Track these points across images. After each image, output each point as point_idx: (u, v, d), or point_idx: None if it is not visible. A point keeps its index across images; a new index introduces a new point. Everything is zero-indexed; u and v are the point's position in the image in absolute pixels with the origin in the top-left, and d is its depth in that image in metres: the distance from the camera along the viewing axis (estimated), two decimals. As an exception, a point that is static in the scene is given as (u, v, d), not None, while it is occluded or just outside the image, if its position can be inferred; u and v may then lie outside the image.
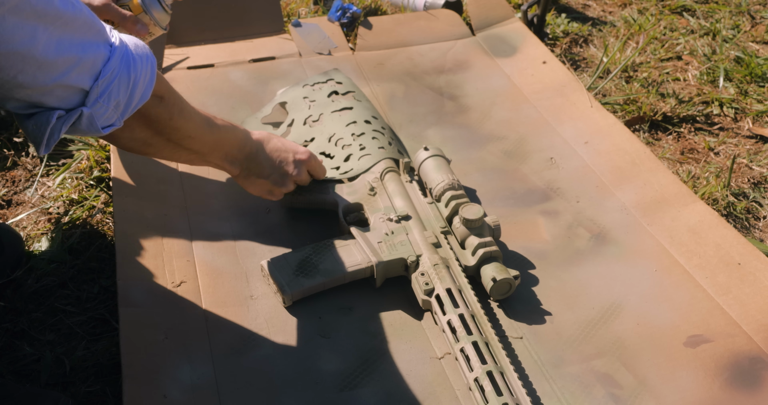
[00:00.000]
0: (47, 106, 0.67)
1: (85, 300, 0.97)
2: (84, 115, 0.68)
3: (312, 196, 1.01)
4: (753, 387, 0.81)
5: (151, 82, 0.74)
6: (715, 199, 1.17)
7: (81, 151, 1.22)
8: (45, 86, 0.64)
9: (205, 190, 1.06)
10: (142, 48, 0.74)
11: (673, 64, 1.55)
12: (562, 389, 0.81)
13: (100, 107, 0.69)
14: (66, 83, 0.66)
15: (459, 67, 1.38)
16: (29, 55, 0.62)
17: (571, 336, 0.87)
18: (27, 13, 0.60)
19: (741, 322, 0.88)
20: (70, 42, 0.65)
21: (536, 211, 1.06)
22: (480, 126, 1.23)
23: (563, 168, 1.14)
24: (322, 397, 0.80)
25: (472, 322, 0.82)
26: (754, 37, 1.64)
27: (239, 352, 0.84)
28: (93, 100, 0.68)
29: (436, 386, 0.81)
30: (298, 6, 1.65)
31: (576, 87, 1.30)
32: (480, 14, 1.50)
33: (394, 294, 0.92)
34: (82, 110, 0.68)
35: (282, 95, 1.20)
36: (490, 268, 0.89)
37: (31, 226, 1.09)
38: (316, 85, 1.18)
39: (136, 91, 0.72)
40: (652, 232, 1.01)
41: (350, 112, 1.12)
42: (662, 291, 0.93)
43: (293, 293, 0.88)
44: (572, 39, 1.62)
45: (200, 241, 0.98)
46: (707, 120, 1.38)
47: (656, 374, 0.83)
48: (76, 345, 0.91)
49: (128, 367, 0.79)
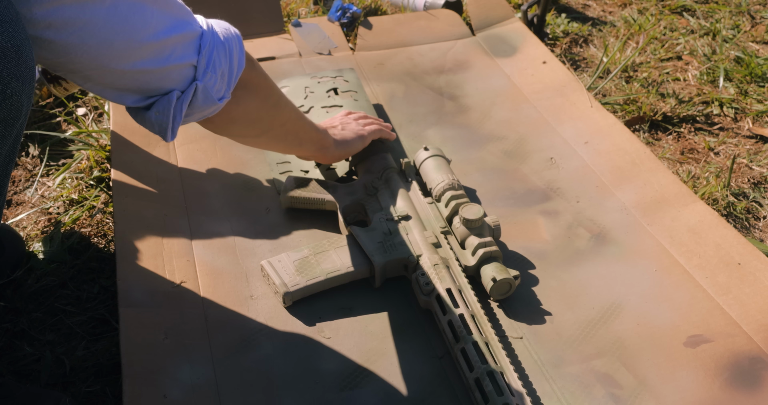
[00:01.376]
0: (165, 89, 0.69)
1: (85, 300, 0.97)
2: (199, 89, 0.70)
3: (312, 196, 1.01)
4: (753, 387, 0.81)
5: (241, 48, 0.76)
6: (715, 199, 1.17)
7: (81, 151, 1.22)
8: (164, 67, 0.67)
9: (205, 190, 1.06)
10: (219, 21, 0.76)
11: (673, 64, 1.55)
12: (562, 389, 0.81)
13: (210, 78, 0.71)
14: (179, 61, 0.68)
15: (459, 67, 1.38)
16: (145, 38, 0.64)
17: (571, 336, 0.87)
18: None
19: (741, 322, 0.88)
20: (173, 20, 0.67)
21: (536, 211, 1.06)
22: (480, 126, 1.23)
23: (563, 168, 1.14)
24: (322, 397, 0.80)
25: (472, 322, 0.82)
26: (754, 37, 1.64)
27: (239, 352, 0.84)
28: (202, 73, 0.70)
29: (436, 386, 0.81)
30: (298, 6, 1.65)
31: (576, 87, 1.30)
32: (480, 14, 1.50)
33: (394, 294, 0.92)
34: (197, 84, 0.70)
35: (288, 81, 1.21)
36: (490, 268, 0.89)
37: (31, 226, 1.09)
38: (323, 78, 1.19)
39: (234, 57, 0.74)
40: (652, 232, 1.01)
41: (339, 109, 1.13)
42: (662, 291, 0.93)
43: (293, 293, 0.88)
44: (572, 39, 1.62)
45: (200, 241, 0.98)
46: (707, 120, 1.38)
47: (656, 374, 0.83)
48: (76, 345, 0.91)
49: (128, 367, 0.79)
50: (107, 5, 0.60)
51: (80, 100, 1.36)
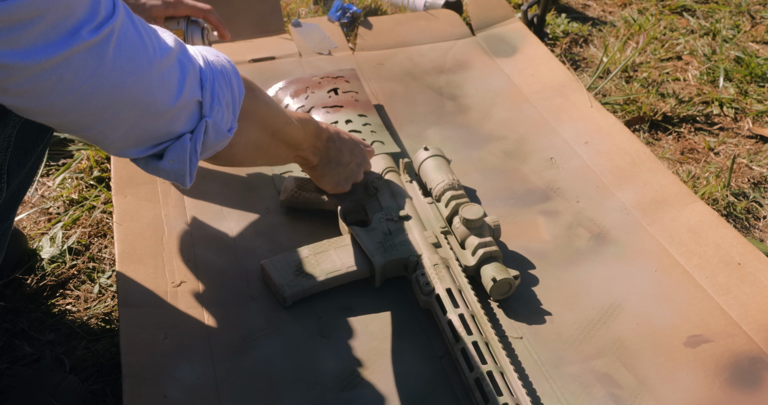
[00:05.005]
0: (175, 133, 0.65)
1: (85, 300, 0.97)
2: (209, 126, 0.67)
3: (312, 196, 1.01)
4: (753, 387, 0.81)
5: (237, 73, 0.73)
6: (715, 199, 1.17)
7: (81, 151, 1.22)
8: (173, 108, 0.63)
9: (205, 190, 1.06)
10: (208, 48, 0.73)
11: (673, 64, 1.55)
12: (562, 389, 0.81)
13: (217, 112, 0.68)
14: (185, 100, 0.64)
15: (459, 67, 1.38)
16: (150, 81, 0.60)
17: (571, 336, 0.87)
18: (133, 38, 0.58)
19: (741, 322, 0.88)
20: (175, 58, 0.63)
21: (536, 211, 1.06)
22: (480, 126, 1.23)
23: (563, 168, 1.14)
24: (322, 397, 0.80)
25: (472, 322, 0.82)
26: (754, 37, 1.64)
27: (239, 352, 0.84)
28: (209, 107, 0.67)
29: (436, 386, 0.81)
30: (298, 6, 1.65)
31: (576, 87, 1.30)
32: (480, 14, 1.50)
33: (394, 294, 0.92)
34: (206, 120, 0.67)
35: (287, 81, 1.22)
36: (490, 268, 0.89)
37: (31, 226, 1.09)
38: (323, 79, 1.20)
39: (233, 84, 0.71)
40: (652, 232, 1.01)
41: (340, 110, 1.13)
42: (662, 291, 0.93)
43: (293, 293, 0.88)
44: (572, 39, 1.62)
45: (200, 241, 0.98)
46: (707, 120, 1.38)
47: (656, 374, 0.83)
48: (76, 345, 0.91)
49: (128, 367, 0.79)
50: (112, 48, 0.56)
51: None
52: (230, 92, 0.70)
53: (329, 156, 0.94)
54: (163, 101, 0.62)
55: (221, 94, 0.68)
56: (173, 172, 0.68)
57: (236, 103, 0.71)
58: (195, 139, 0.66)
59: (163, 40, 0.63)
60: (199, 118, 0.67)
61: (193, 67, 0.65)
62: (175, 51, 0.63)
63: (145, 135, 0.64)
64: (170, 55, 0.62)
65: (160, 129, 0.64)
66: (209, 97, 0.67)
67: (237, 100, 0.71)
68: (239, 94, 0.72)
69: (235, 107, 0.71)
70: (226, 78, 0.69)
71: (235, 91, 0.71)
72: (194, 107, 0.66)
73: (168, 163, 0.67)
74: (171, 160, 0.66)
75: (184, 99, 0.64)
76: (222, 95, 0.68)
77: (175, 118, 0.64)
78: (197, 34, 0.92)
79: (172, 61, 0.63)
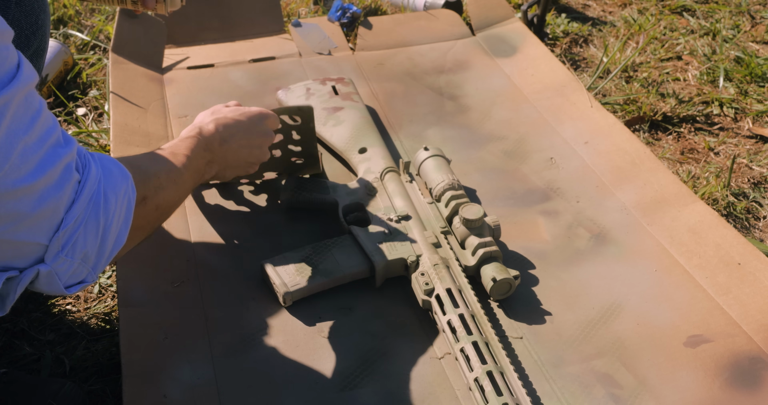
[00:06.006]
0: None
1: (85, 300, 0.97)
2: (42, 274, 0.56)
3: (312, 196, 1.01)
4: (753, 387, 0.81)
5: (127, 220, 0.62)
6: (715, 199, 1.17)
7: (81, 151, 1.22)
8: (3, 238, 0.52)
9: (205, 190, 1.06)
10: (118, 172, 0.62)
11: (673, 64, 1.55)
12: (562, 389, 0.81)
13: (62, 263, 0.56)
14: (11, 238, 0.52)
15: (459, 67, 1.38)
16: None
17: (571, 336, 0.87)
18: None
19: (741, 322, 0.88)
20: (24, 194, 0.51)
21: (536, 211, 1.06)
22: (480, 126, 1.23)
23: (563, 168, 1.14)
24: (322, 397, 0.80)
25: (472, 322, 0.82)
26: (754, 37, 1.64)
27: (239, 352, 0.84)
28: (53, 256, 0.55)
29: (436, 386, 0.81)
30: (298, 6, 1.65)
31: (576, 87, 1.30)
32: (480, 14, 1.50)
33: (394, 294, 0.92)
34: (39, 269, 0.55)
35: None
36: (490, 268, 0.89)
37: (31, 226, 1.09)
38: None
39: (109, 236, 0.60)
40: (652, 232, 1.01)
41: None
42: (662, 291, 0.93)
43: (293, 293, 0.88)
44: (572, 39, 1.62)
45: (200, 241, 0.98)
46: (707, 120, 1.38)
47: (656, 374, 0.83)
48: (76, 345, 0.91)
49: (128, 367, 0.79)
50: None
51: (80, 100, 1.36)
52: (98, 244, 0.59)
53: (227, 160, 0.89)
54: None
55: (81, 244, 0.57)
56: None
57: (103, 256, 0.61)
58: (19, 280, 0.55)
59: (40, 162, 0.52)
60: (35, 260, 0.55)
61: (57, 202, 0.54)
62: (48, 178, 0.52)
63: None
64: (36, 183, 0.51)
65: None
66: (59, 245, 0.55)
67: (106, 254, 0.61)
68: (114, 246, 0.61)
69: (99, 261, 0.60)
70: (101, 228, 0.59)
71: (108, 242, 0.60)
72: (32, 248, 0.54)
73: None
74: None
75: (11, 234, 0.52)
76: (81, 247, 0.57)
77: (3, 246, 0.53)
78: None
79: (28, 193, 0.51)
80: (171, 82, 1.29)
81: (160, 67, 1.32)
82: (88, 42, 1.52)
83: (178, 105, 1.23)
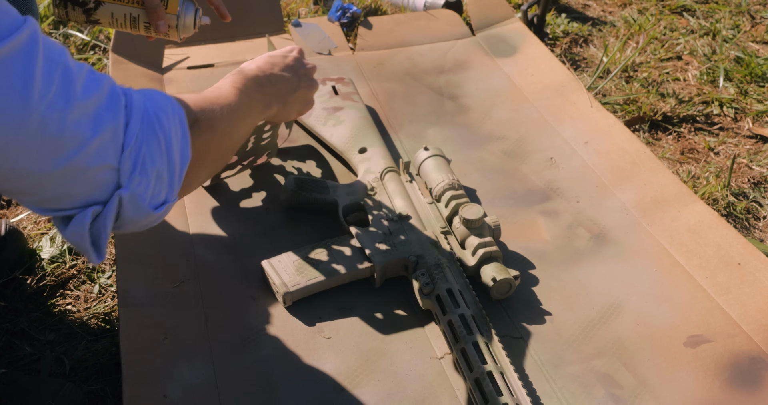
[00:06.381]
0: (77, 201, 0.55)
1: (85, 300, 0.97)
2: (125, 199, 0.56)
3: (312, 196, 1.01)
4: (753, 387, 0.81)
5: (185, 137, 0.62)
6: (715, 199, 1.17)
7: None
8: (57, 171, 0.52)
9: (205, 190, 1.06)
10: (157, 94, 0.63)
11: (673, 64, 1.55)
12: (562, 389, 0.81)
13: (139, 183, 0.57)
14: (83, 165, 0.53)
15: (459, 67, 1.38)
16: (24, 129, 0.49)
17: (571, 336, 0.87)
18: None
19: (741, 322, 0.88)
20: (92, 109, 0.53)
21: (536, 211, 1.06)
22: (480, 126, 1.23)
23: (563, 168, 1.14)
24: (322, 397, 0.80)
25: (472, 322, 0.82)
26: (754, 37, 1.64)
27: (239, 352, 0.84)
28: (127, 178, 0.56)
29: (436, 386, 0.81)
30: (298, 6, 1.65)
31: (576, 87, 1.30)
32: (480, 14, 1.50)
33: (394, 294, 0.92)
34: (120, 194, 0.56)
35: None
36: (490, 268, 0.89)
37: (31, 226, 1.09)
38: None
39: (173, 152, 0.60)
40: (652, 232, 1.01)
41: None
42: (662, 291, 0.93)
43: (293, 293, 0.88)
44: (572, 39, 1.62)
45: (200, 241, 0.98)
46: (707, 120, 1.38)
47: (656, 374, 0.83)
48: (76, 345, 0.91)
49: (128, 367, 0.79)
50: None
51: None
52: (165, 159, 0.59)
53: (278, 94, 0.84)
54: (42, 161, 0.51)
55: (149, 161, 0.57)
56: (75, 245, 0.58)
57: (175, 172, 0.60)
58: (105, 213, 0.56)
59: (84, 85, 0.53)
60: (113, 188, 0.56)
61: (114, 123, 0.55)
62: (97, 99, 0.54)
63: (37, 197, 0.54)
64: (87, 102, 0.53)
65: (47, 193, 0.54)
66: (130, 165, 0.56)
67: (177, 169, 0.61)
68: (181, 161, 0.61)
69: (173, 178, 0.60)
70: (162, 141, 0.59)
71: (175, 157, 0.60)
72: (105, 174, 0.55)
73: (70, 234, 0.57)
74: (73, 233, 0.56)
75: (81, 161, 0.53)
76: (151, 163, 0.57)
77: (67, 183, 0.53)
78: (190, 12, 0.88)
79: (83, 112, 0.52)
80: (171, 82, 1.29)
81: (160, 67, 1.32)
82: (88, 42, 1.52)
83: (178, 105, 1.23)
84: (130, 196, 0.57)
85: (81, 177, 0.54)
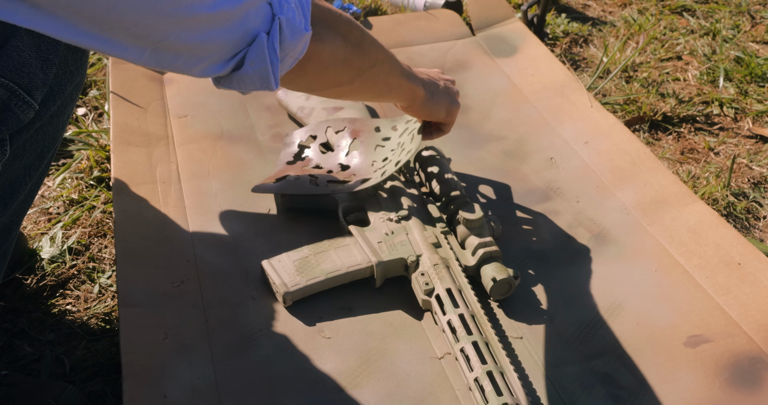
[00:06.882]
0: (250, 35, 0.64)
1: (85, 300, 0.97)
2: (283, 23, 0.65)
3: (312, 196, 1.01)
4: (753, 387, 0.81)
5: None
6: (715, 199, 1.17)
7: (81, 151, 1.22)
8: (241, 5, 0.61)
9: (205, 190, 1.06)
10: None
11: (673, 64, 1.55)
12: (562, 389, 0.81)
13: (287, 9, 0.65)
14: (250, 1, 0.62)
15: (459, 67, 1.38)
16: None
17: (571, 336, 0.87)
18: None
19: (741, 322, 0.88)
20: None
21: (536, 211, 1.06)
22: (480, 126, 1.23)
23: (563, 168, 1.14)
24: (322, 397, 0.80)
25: (472, 322, 0.82)
26: (754, 37, 1.64)
27: (239, 352, 0.84)
28: (278, 5, 0.64)
29: (436, 386, 0.81)
30: (298, 6, 1.65)
31: (576, 87, 1.30)
32: (480, 14, 1.50)
33: (394, 294, 0.92)
34: (279, 18, 0.64)
35: None
36: (490, 268, 0.89)
37: (31, 226, 1.09)
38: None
39: None
40: (652, 232, 1.01)
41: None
42: (662, 291, 0.93)
43: (293, 293, 0.88)
44: (572, 39, 1.62)
45: (200, 241, 0.98)
46: (707, 120, 1.38)
47: (656, 374, 0.83)
48: (76, 345, 0.91)
49: (128, 367, 0.79)
50: None
51: (80, 100, 1.36)
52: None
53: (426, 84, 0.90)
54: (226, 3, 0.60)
55: None
56: (257, 76, 0.66)
57: (305, 4, 0.68)
58: (272, 37, 0.64)
59: None
60: (271, 18, 0.64)
61: None
62: None
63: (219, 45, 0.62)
64: None
65: (233, 32, 0.62)
66: None
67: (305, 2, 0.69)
68: None
69: (305, 7, 0.68)
70: None
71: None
72: (263, 7, 0.64)
73: (249, 67, 0.65)
74: (252, 63, 0.65)
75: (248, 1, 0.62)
76: None
77: (243, 20, 0.62)
78: None
79: None
80: (171, 82, 1.29)
81: (160, 67, 1.32)
82: (88, 42, 1.52)
83: (178, 105, 1.23)
84: (286, 19, 0.65)
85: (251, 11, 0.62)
